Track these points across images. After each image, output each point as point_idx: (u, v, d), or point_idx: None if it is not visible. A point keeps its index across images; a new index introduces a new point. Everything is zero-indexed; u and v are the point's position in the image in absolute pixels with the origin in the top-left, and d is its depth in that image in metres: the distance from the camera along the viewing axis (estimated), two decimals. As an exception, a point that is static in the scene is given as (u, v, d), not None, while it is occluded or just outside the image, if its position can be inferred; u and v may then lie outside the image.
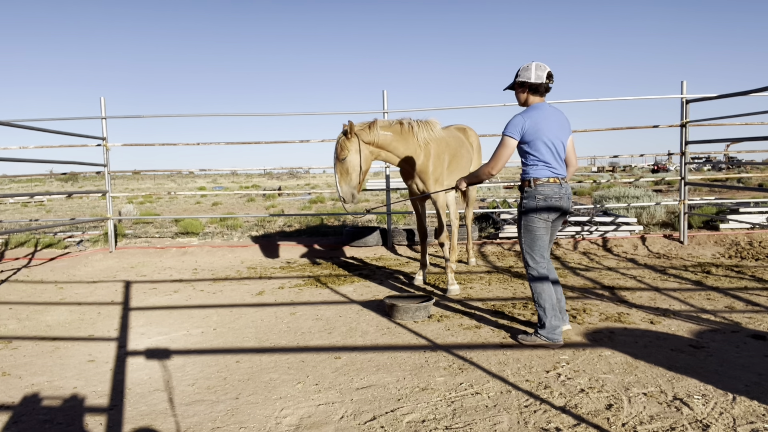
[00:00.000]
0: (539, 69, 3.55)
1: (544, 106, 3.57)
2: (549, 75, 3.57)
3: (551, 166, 3.53)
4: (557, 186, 3.52)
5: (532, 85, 3.57)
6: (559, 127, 3.56)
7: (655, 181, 20.55)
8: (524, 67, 3.61)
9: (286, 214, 9.57)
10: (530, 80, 3.56)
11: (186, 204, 20.41)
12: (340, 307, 4.72)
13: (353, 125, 4.79)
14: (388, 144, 4.93)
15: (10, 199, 23.30)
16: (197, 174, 34.89)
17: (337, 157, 4.79)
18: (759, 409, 2.58)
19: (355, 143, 4.77)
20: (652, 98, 7.50)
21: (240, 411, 2.76)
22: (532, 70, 3.56)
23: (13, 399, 2.98)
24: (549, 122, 3.51)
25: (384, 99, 7.34)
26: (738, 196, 11.77)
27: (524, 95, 3.64)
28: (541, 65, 3.57)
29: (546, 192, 3.50)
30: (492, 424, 2.53)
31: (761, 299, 4.54)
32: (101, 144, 7.67)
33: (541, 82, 3.54)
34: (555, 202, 3.51)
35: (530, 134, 3.49)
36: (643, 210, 8.94)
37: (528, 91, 3.61)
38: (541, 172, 3.53)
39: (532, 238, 3.58)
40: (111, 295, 5.47)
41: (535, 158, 3.53)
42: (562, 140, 3.57)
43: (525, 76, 3.58)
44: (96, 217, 13.58)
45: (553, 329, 3.52)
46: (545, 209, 3.51)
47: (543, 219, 3.54)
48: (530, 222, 3.57)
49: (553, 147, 3.52)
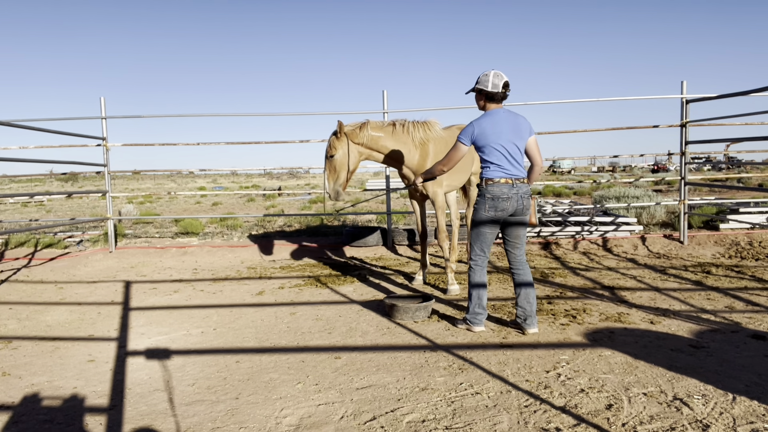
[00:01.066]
0: (496, 78, 3.80)
1: (498, 113, 3.82)
2: (505, 84, 3.80)
3: (503, 168, 3.77)
4: (507, 186, 3.75)
5: (488, 93, 3.81)
6: (512, 131, 3.77)
7: (655, 181, 20.56)
8: (484, 75, 3.85)
9: (286, 214, 9.58)
10: (487, 88, 3.81)
11: (186, 204, 20.41)
12: (340, 307, 4.73)
13: (342, 125, 4.91)
14: (379, 145, 5.01)
15: (10, 199, 23.30)
16: (197, 174, 34.91)
17: (327, 155, 4.96)
18: (759, 409, 2.58)
19: (344, 143, 4.92)
20: (652, 98, 7.51)
21: (240, 411, 2.76)
22: (489, 79, 3.81)
23: (13, 399, 2.98)
24: (500, 127, 3.75)
25: (384, 99, 7.34)
26: (738, 196, 11.77)
27: (482, 102, 3.90)
28: (498, 74, 3.81)
29: (494, 191, 3.75)
30: (492, 424, 2.53)
31: (761, 299, 4.54)
32: (101, 144, 7.67)
33: (497, 91, 3.79)
34: (502, 201, 3.74)
35: (480, 140, 3.78)
36: (643, 210, 8.94)
37: (485, 98, 3.86)
38: (493, 173, 3.78)
39: (477, 233, 3.88)
40: (111, 295, 5.47)
41: (487, 161, 3.80)
42: (515, 143, 3.78)
43: (483, 84, 3.84)
44: (96, 217, 13.58)
45: (474, 315, 3.89)
46: (492, 207, 3.76)
47: (489, 216, 3.79)
48: (477, 217, 3.85)
49: (504, 150, 3.75)
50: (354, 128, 4.98)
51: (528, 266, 3.94)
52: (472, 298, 3.89)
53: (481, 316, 3.89)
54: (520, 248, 3.92)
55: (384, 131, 5.03)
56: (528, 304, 3.80)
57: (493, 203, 3.75)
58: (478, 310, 3.88)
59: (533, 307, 3.81)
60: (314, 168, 8.35)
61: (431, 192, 5.15)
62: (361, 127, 4.98)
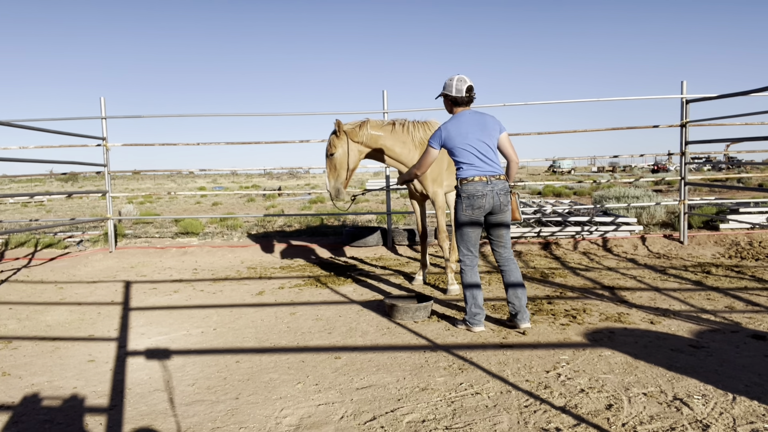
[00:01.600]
0: (460, 83, 3.91)
1: (464, 114, 3.94)
2: (469, 88, 3.93)
3: (475, 166, 3.85)
4: (481, 183, 3.81)
5: (453, 98, 3.95)
6: (479, 130, 3.87)
7: (655, 181, 20.56)
8: (448, 80, 3.97)
9: (286, 214, 9.58)
10: (451, 93, 3.94)
11: (186, 204, 20.41)
12: (340, 307, 4.72)
13: (341, 124, 4.93)
14: (378, 144, 5.02)
15: (10, 199, 23.30)
16: (197, 174, 34.91)
17: (327, 154, 4.99)
18: (759, 409, 2.58)
19: (344, 141, 4.94)
20: (652, 98, 7.50)
21: (240, 411, 2.76)
22: (453, 84, 3.93)
23: (13, 399, 2.98)
24: (465, 128, 3.86)
25: (384, 99, 7.34)
26: (738, 196, 11.77)
27: (449, 106, 4.04)
28: (462, 78, 3.92)
29: (469, 190, 3.82)
30: (492, 424, 2.53)
31: (761, 299, 4.54)
32: (101, 144, 7.67)
33: (461, 95, 3.92)
34: (477, 199, 3.81)
35: (447, 143, 3.90)
36: (643, 210, 8.94)
37: (451, 103, 4.00)
38: (466, 173, 3.86)
39: (460, 234, 3.96)
40: (111, 295, 5.47)
41: (459, 162, 3.89)
42: (485, 141, 3.87)
43: (447, 89, 3.97)
44: (96, 217, 13.58)
45: (473, 315, 3.90)
46: (468, 206, 3.84)
47: (467, 215, 3.86)
48: (458, 218, 3.92)
49: (473, 149, 3.84)
50: (354, 127, 4.99)
51: (516, 263, 4.01)
52: (467, 299, 3.92)
53: (479, 316, 3.90)
54: (505, 246, 3.98)
55: (384, 130, 5.04)
56: (517, 300, 3.88)
57: (469, 202, 3.83)
58: (475, 310, 3.90)
59: (522, 303, 3.88)
60: (314, 168, 8.35)
61: (431, 192, 5.15)
62: (360, 125, 4.99)
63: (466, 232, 3.91)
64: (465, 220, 3.88)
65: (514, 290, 3.90)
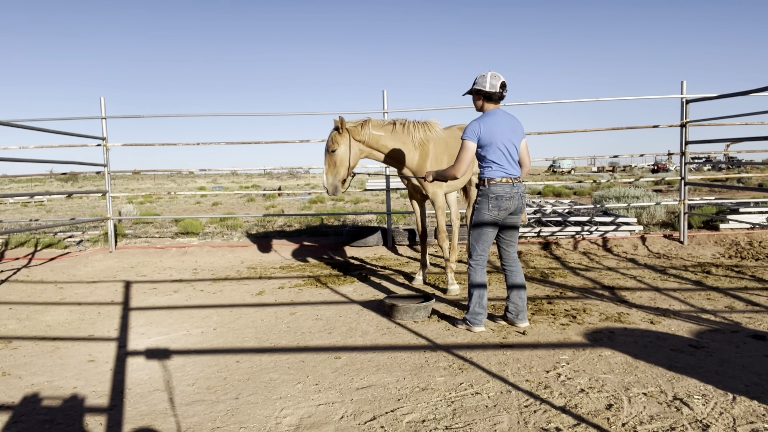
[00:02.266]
0: (494, 78, 3.86)
1: (498, 113, 3.89)
2: (503, 84, 3.87)
3: (504, 168, 3.83)
4: (509, 185, 3.81)
5: (487, 94, 3.87)
6: (511, 132, 3.86)
7: (655, 181, 20.56)
8: (481, 76, 3.91)
9: (286, 214, 9.58)
10: (485, 89, 3.88)
11: (186, 204, 20.41)
12: (340, 307, 4.72)
13: (344, 121, 4.92)
14: (379, 143, 5.01)
15: (10, 199, 23.30)
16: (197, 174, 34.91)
17: (327, 150, 4.95)
18: (759, 409, 2.58)
19: (346, 139, 4.92)
20: (652, 98, 7.51)
21: (240, 411, 2.76)
22: (487, 80, 3.86)
23: (13, 399, 2.98)
24: (502, 127, 3.82)
25: (384, 99, 7.34)
26: (738, 196, 11.77)
27: (480, 102, 3.96)
28: (496, 75, 3.87)
29: (497, 191, 3.80)
30: (492, 424, 2.53)
31: (761, 299, 4.54)
32: (101, 144, 7.67)
33: (495, 91, 3.84)
34: (505, 201, 3.81)
35: (485, 139, 3.81)
36: (643, 210, 8.94)
37: (483, 99, 3.92)
38: (495, 173, 3.83)
39: (479, 233, 3.91)
40: (111, 295, 5.47)
41: (490, 161, 3.84)
42: (514, 143, 3.87)
43: (481, 85, 3.89)
44: (96, 217, 13.58)
45: (475, 315, 3.90)
46: (495, 207, 3.82)
47: (492, 216, 3.84)
48: (480, 218, 3.88)
49: (505, 150, 3.83)
50: (356, 125, 4.99)
51: (520, 263, 4.06)
52: (472, 298, 3.91)
53: (481, 316, 3.91)
54: (514, 246, 4.04)
55: (384, 130, 5.03)
56: (520, 300, 3.95)
57: (496, 203, 3.80)
58: (478, 310, 3.90)
59: (524, 303, 3.99)
60: (314, 168, 8.35)
61: (431, 192, 5.15)
62: (362, 124, 5.00)
63: (486, 231, 3.89)
64: (489, 220, 3.85)
65: (518, 291, 3.96)
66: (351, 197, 20.46)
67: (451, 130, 5.78)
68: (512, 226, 3.97)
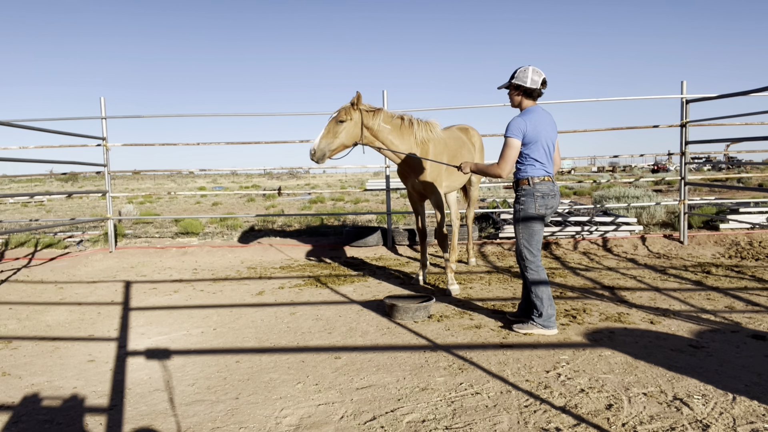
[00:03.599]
0: (535, 74, 3.71)
1: (539, 110, 3.77)
2: (543, 81, 3.75)
3: (545, 166, 3.76)
4: (551, 183, 3.77)
5: (527, 89, 3.74)
6: (552, 130, 3.79)
7: (655, 181, 20.55)
8: (521, 70, 3.74)
9: (286, 214, 9.58)
10: (526, 84, 3.72)
11: (186, 204, 20.41)
12: (340, 307, 4.72)
13: (361, 99, 4.82)
14: (383, 136, 4.93)
15: (10, 199, 23.30)
16: (197, 174, 34.92)
17: (336, 117, 4.80)
18: (759, 409, 2.58)
19: (358, 118, 4.82)
20: (652, 98, 7.51)
21: (240, 411, 2.76)
22: (528, 75, 3.70)
23: (13, 399, 2.98)
24: (544, 126, 3.72)
25: (384, 99, 7.34)
26: (738, 196, 11.77)
27: (518, 98, 3.82)
28: (537, 71, 3.72)
29: (543, 189, 3.73)
30: (492, 424, 2.53)
31: (761, 299, 4.54)
32: (101, 144, 7.67)
33: (536, 88, 3.72)
34: (551, 199, 3.75)
35: (530, 136, 3.67)
36: (643, 210, 8.94)
37: (522, 95, 3.78)
38: (538, 171, 3.74)
39: (531, 233, 3.79)
40: (111, 295, 5.47)
41: (533, 159, 3.73)
42: (553, 141, 3.80)
43: (521, 79, 3.72)
44: (96, 217, 13.57)
45: (549, 317, 3.74)
46: (542, 205, 3.74)
47: (540, 215, 3.77)
48: (529, 218, 3.77)
49: (547, 148, 3.76)
50: (369, 110, 4.88)
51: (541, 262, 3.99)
52: (543, 300, 3.74)
53: (554, 317, 3.78)
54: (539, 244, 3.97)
55: (392, 124, 4.97)
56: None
57: (543, 201, 3.73)
58: (551, 312, 3.76)
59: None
60: (314, 168, 8.34)
61: (430, 193, 5.14)
62: (375, 113, 4.89)
63: (537, 231, 3.79)
64: (536, 218, 3.76)
65: None
66: (351, 197, 20.46)
67: (450, 130, 5.78)
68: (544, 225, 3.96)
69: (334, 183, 44.00)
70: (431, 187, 5.11)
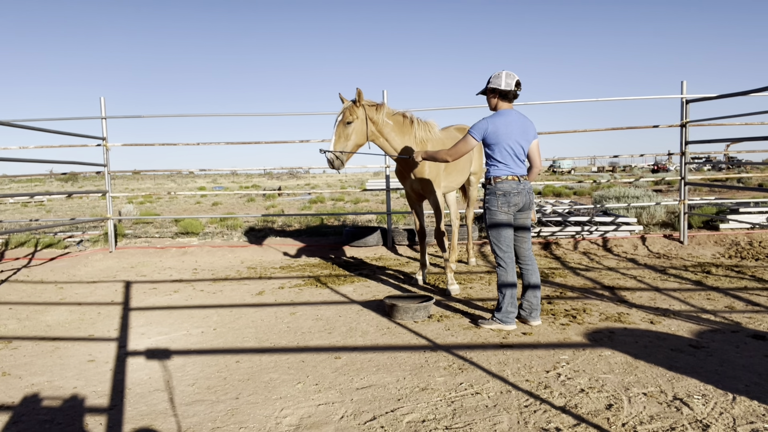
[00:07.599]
0: (509, 77, 3.89)
1: (510, 113, 3.93)
2: (517, 83, 3.91)
3: (509, 167, 3.90)
4: (515, 182, 3.89)
5: (502, 92, 3.91)
6: (520, 132, 3.90)
7: (655, 181, 20.56)
8: (495, 75, 3.93)
9: (286, 214, 9.57)
10: (500, 87, 3.90)
11: (186, 204, 20.41)
12: (340, 307, 4.72)
13: (362, 95, 4.77)
14: (385, 132, 4.92)
15: (10, 199, 23.30)
16: (197, 174, 34.92)
17: (343, 120, 4.75)
18: (759, 409, 2.58)
19: (363, 114, 4.80)
20: (652, 98, 7.51)
21: (240, 411, 2.76)
22: (502, 78, 3.89)
23: (13, 399, 2.98)
24: (511, 128, 3.86)
25: (384, 99, 7.34)
26: (738, 196, 11.77)
27: (495, 100, 3.98)
28: (510, 74, 3.90)
29: (504, 188, 3.88)
30: (492, 424, 2.53)
31: (761, 299, 4.54)
32: (101, 144, 7.67)
33: (510, 90, 3.90)
34: (513, 196, 3.87)
35: (491, 138, 3.87)
36: (643, 210, 8.94)
37: (498, 97, 3.95)
38: (500, 171, 3.90)
39: (497, 233, 3.94)
40: (111, 295, 5.47)
41: (495, 160, 3.91)
42: (521, 144, 3.91)
43: (495, 83, 3.91)
44: (96, 217, 13.57)
45: (507, 314, 3.89)
46: (505, 203, 3.88)
47: (504, 212, 3.90)
48: (493, 216, 3.93)
49: (511, 150, 3.88)
50: (372, 105, 4.86)
51: (536, 262, 4.07)
52: (504, 297, 3.90)
53: (513, 314, 3.92)
54: (527, 242, 4.06)
55: (394, 120, 4.96)
56: (535, 299, 3.99)
57: (505, 199, 3.87)
58: (510, 309, 3.90)
59: (539, 301, 4.01)
60: (314, 168, 8.35)
61: (429, 193, 5.14)
62: (378, 107, 4.88)
63: (503, 229, 3.92)
64: (502, 218, 3.91)
65: (533, 290, 4.00)
66: (351, 197, 20.47)
67: (448, 130, 5.78)
68: (524, 222, 4.02)
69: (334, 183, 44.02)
70: (429, 187, 5.11)
